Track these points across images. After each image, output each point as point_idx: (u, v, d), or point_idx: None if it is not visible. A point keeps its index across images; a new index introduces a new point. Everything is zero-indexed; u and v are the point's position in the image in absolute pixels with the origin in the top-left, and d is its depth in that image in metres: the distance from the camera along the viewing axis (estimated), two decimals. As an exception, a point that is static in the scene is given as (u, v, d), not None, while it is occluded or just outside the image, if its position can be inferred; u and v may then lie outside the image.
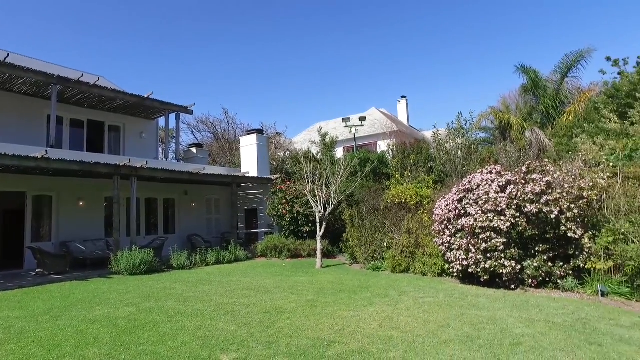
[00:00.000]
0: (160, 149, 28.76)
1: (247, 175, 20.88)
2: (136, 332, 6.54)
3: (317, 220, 14.78)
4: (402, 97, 39.90)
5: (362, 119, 24.09)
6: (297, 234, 18.21)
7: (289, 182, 19.20)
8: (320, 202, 14.61)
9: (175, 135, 24.73)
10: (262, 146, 22.37)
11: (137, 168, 15.19)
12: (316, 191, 14.73)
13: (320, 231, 14.66)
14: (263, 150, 22.36)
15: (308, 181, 15.02)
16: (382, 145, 26.94)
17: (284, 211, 18.26)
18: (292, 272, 13.36)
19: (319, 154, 22.71)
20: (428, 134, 28.39)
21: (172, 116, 21.77)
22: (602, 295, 8.36)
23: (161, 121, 24.45)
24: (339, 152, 27.11)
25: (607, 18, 56.11)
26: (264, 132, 26.96)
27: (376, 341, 5.87)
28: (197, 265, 15.56)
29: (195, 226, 21.45)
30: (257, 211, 22.03)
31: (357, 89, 78.74)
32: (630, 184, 8.83)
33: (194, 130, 38.85)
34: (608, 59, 15.22)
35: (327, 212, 14.74)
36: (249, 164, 21.83)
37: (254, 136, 22.27)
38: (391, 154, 20.35)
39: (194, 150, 24.79)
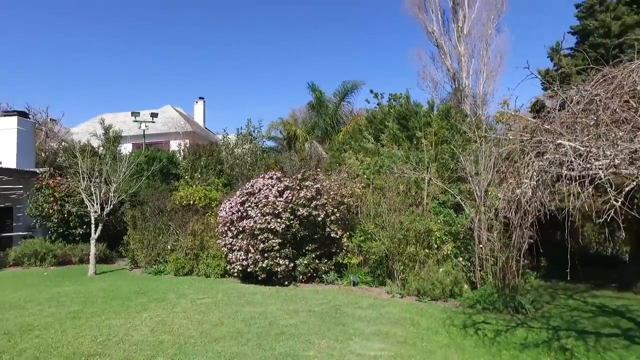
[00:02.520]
0: None
1: (-1, 166, 16.97)
2: None
3: (93, 222, 13.17)
4: (200, 98, 39.27)
5: (154, 115, 22.73)
6: (67, 237, 15.79)
7: (59, 178, 16.50)
8: (98, 201, 13.08)
9: None
10: (25, 132, 18.57)
11: None
12: (93, 189, 13.13)
13: (95, 233, 13.11)
14: (26, 138, 18.57)
15: (84, 177, 13.26)
16: (175, 145, 25.96)
17: (51, 211, 15.61)
18: (55, 281, 11.52)
19: (101, 148, 20.30)
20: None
21: None
22: (354, 284, 10.07)
23: None
24: (127, 148, 24.80)
25: (373, 59, 67.98)
26: (30, 116, 22.46)
27: (144, 348, 5.65)
28: None
29: None
30: (13, 211, 18.12)
31: (154, 84, 73.85)
32: (377, 192, 10.97)
33: None
34: (371, 91, 18.62)
35: (105, 213, 13.31)
36: (5, 153, 17.81)
37: (13, 119, 18.27)
38: (182, 154, 19.80)
39: None
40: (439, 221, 9.76)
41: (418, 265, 9.42)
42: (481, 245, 8.72)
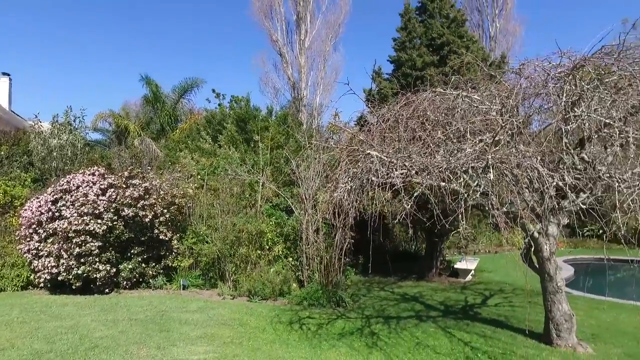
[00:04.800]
0: None
1: None
2: None
3: None
4: (4, 74, 32.53)
5: None
6: None
7: None
8: None
9: None
10: None
11: None
12: None
13: None
14: None
15: None
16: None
17: None
18: None
19: None
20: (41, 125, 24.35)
21: None
22: (184, 288, 9.67)
23: None
24: None
25: (218, 59, 66.87)
26: None
27: None
28: None
29: None
30: None
31: None
32: (211, 194, 10.78)
33: None
34: (213, 91, 18.31)
35: None
36: None
37: None
38: (-28, 141, 16.10)
39: None
40: (271, 223, 10.11)
41: (250, 266, 9.59)
42: (309, 246, 9.36)
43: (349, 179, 4.79)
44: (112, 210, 9.20)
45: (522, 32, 27.81)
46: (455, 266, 11.86)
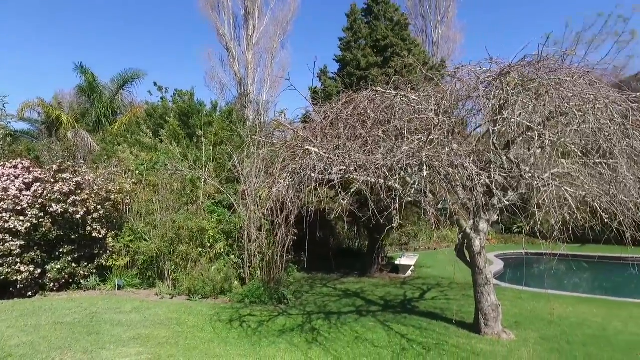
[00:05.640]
0: None
1: None
2: None
3: None
4: None
5: None
6: None
7: None
8: None
9: None
10: None
11: None
12: None
13: None
14: None
15: None
16: None
17: None
18: None
19: None
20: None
21: None
22: (119, 288, 9.21)
23: None
24: None
25: (162, 51, 64.32)
26: None
27: None
28: None
29: None
30: None
31: None
32: (149, 190, 10.34)
33: None
34: (155, 84, 17.46)
35: None
36: None
37: None
38: None
39: None
40: (212, 220, 9.89)
41: (191, 264, 9.32)
42: (251, 243, 9.26)
43: (288, 174, 4.79)
44: (37, 206, 8.56)
45: (463, 39, 29.26)
46: (396, 262, 12.23)
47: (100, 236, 9.35)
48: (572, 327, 6.76)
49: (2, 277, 8.20)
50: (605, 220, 4.64)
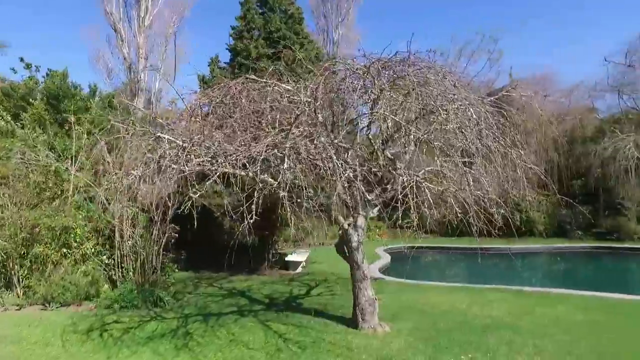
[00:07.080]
0: None
1: None
2: None
3: None
4: None
5: None
6: None
7: None
8: None
9: None
10: None
11: None
12: None
13: None
14: None
15: None
16: None
17: None
18: None
19: None
20: None
21: None
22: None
23: None
24: None
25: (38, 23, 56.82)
26: None
27: None
28: None
29: None
30: None
31: None
32: (-1, 182, 8.83)
33: None
34: (22, 59, 14.97)
35: None
36: None
37: None
38: None
39: None
40: (80, 217, 8.77)
41: (50, 268, 8.13)
42: (123, 241, 8.38)
43: (141, 164, 4.28)
44: None
45: (361, 41, 30.24)
46: (286, 259, 12.10)
47: None
48: (442, 315, 7.15)
49: None
50: (458, 214, 4.90)
